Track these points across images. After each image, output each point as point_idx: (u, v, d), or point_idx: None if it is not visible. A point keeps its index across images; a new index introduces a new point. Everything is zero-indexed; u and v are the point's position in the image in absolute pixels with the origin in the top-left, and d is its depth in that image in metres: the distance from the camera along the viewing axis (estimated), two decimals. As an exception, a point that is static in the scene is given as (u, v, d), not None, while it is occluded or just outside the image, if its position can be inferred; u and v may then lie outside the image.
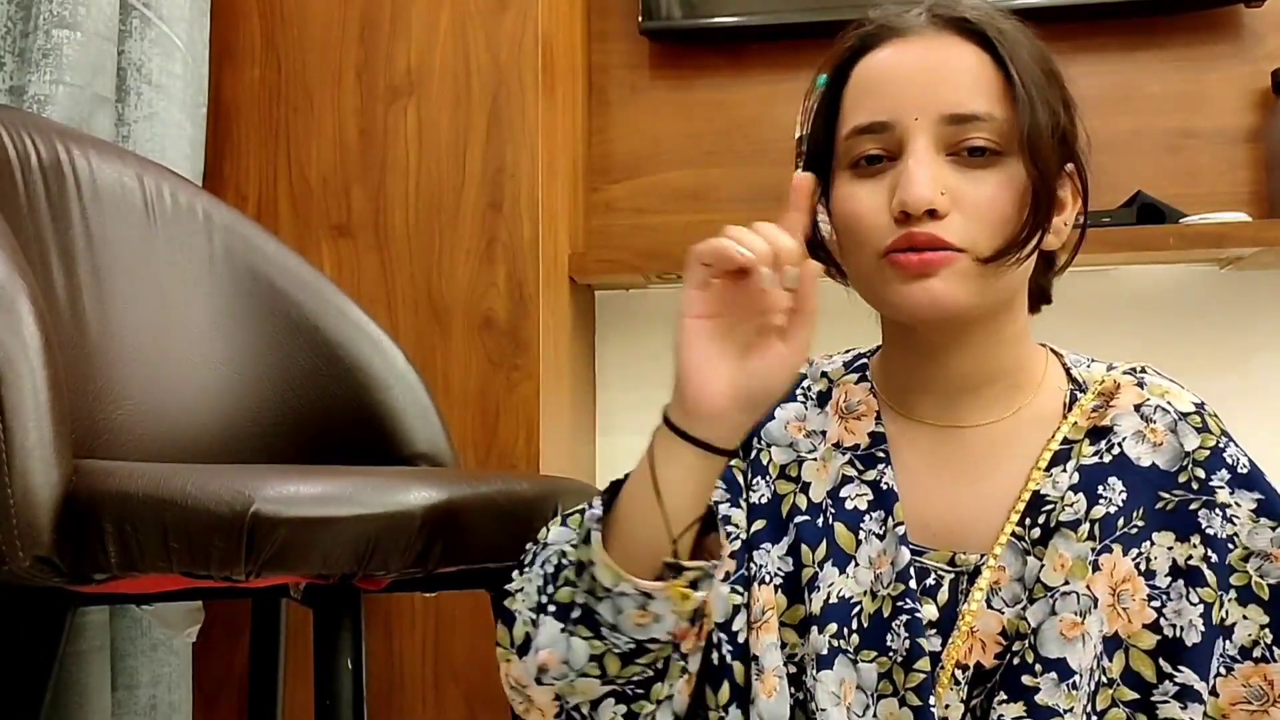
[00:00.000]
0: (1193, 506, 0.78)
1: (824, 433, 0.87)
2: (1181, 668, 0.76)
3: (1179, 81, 1.78)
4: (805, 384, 0.91)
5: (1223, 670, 0.77)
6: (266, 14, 1.59)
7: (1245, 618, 0.76)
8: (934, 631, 0.79)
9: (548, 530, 0.84)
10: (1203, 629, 0.76)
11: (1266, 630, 0.76)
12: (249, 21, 1.59)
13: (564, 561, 0.78)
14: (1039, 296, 0.87)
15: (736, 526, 0.86)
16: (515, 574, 0.81)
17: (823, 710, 0.78)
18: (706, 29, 1.82)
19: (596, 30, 1.91)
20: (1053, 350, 0.88)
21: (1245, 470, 0.79)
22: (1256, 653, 0.76)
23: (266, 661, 1.29)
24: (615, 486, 0.78)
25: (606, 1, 1.91)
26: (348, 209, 1.55)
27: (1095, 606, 0.76)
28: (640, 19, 1.82)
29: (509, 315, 1.50)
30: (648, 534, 0.74)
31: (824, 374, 0.91)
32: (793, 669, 0.81)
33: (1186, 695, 0.75)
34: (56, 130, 1.15)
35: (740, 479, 0.88)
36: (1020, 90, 0.75)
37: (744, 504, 0.87)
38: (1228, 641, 0.77)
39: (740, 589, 0.84)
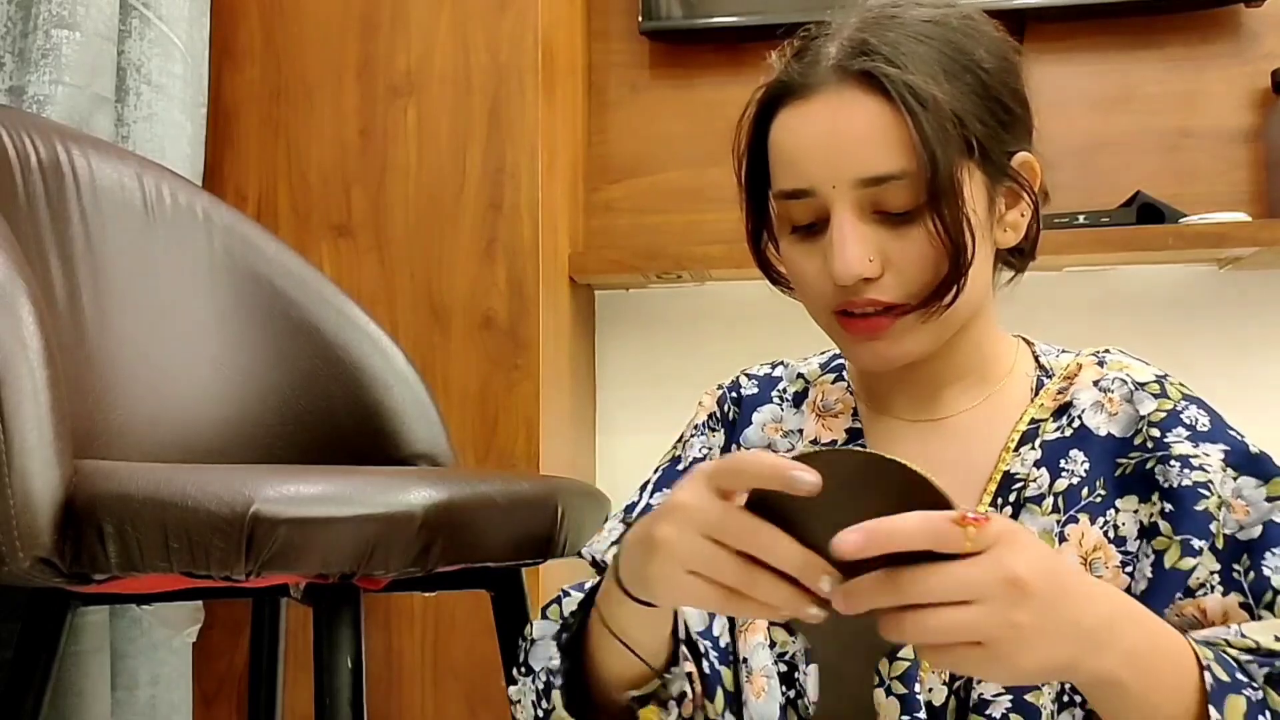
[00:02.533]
0: (1149, 465, 0.78)
1: (800, 431, 0.89)
2: None
3: (1178, 81, 1.78)
4: (781, 386, 0.92)
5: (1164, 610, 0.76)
6: (266, 14, 1.59)
7: (1201, 565, 0.76)
8: None
9: (531, 625, 0.86)
10: (1150, 575, 0.75)
11: (1215, 575, 0.76)
12: (249, 21, 1.59)
13: (551, 681, 0.80)
14: (1022, 256, 0.86)
15: None
16: (515, 671, 0.85)
17: (814, 704, 0.78)
18: (706, 29, 1.83)
19: (596, 30, 1.91)
20: (1024, 340, 0.89)
21: (1206, 427, 0.78)
22: (1199, 591, 0.76)
23: (266, 661, 1.29)
24: (568, 623, 0.82)
25: (606, 1, 1.91)
26: (348, 209, 1.55)
27: None
28: (640, 19, 1.82)
29: (509, 315, 1.50)
30: (621, 666, 0.77)
31: (800, 375, 0.93)
32: (784, 667, 0.81)
33: None
34: (56, 130, 1.15)
35: None
36: (921, 150, 0.73)
37: None
38: (1171, 578, 0.76)
39: None
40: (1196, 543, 0.76)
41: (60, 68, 1.25)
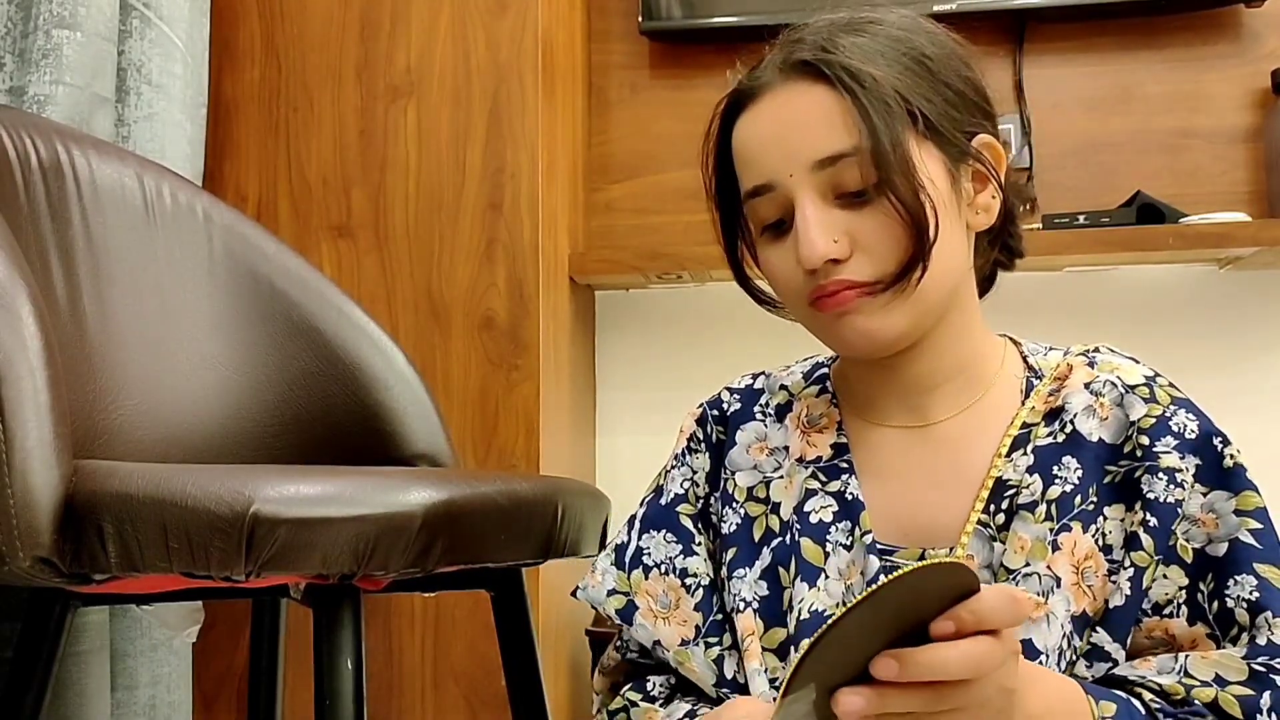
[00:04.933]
0: (1136, 474, 0.78)
1: (786, 448, 0.88)
2: (1098, 628, 0.76)
3: (1179, 81, 1.78)
4: (764, 399, 0.91)
5: (1133, 623, 0.77)
6: (266, 14, 1.59)
7: (1165, 577, 0.76)
8: None
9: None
10: (1128, 592, 0.76)
11: (1182, 592, 0.76)
12: (249, 21, 1.59)
13: None
14: (1008, 254, 0.88)
15: (694, 575, 0.88)
16: None
17: None
18: (706, 29, 1.83)
19: (596, 30, 1.91)
20: (1011, 339, 0.88)
21: (1193, 435, 0.78)
22: (1167, 610, 0.77)
23: (266, 661, 1.29)
24: None
25: (606, 1, 1.91)
26: (348, 209, 1.55)
27: (1058, 586, 0.76)
28: (640, 19, 1.82)
29: (509, 315, 1.50)
30: None
31: (783, 387, 0.92)
32: (776, 693, 0.80)
33: (1095, 655, 0.76)
34: (56, 130, 1.15)
35: (691, 524, 0.89)
36: (861, 124, 0.75)
37: (700, 549, 0.88)
38: (1145, 598, 0.77)
39: (714, 639, 0.85)
40: (1164, 562, 0.76)
41: (60, 68, 1.25)
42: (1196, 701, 0.72)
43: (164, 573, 0.76)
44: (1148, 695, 0.73)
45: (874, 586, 0.57)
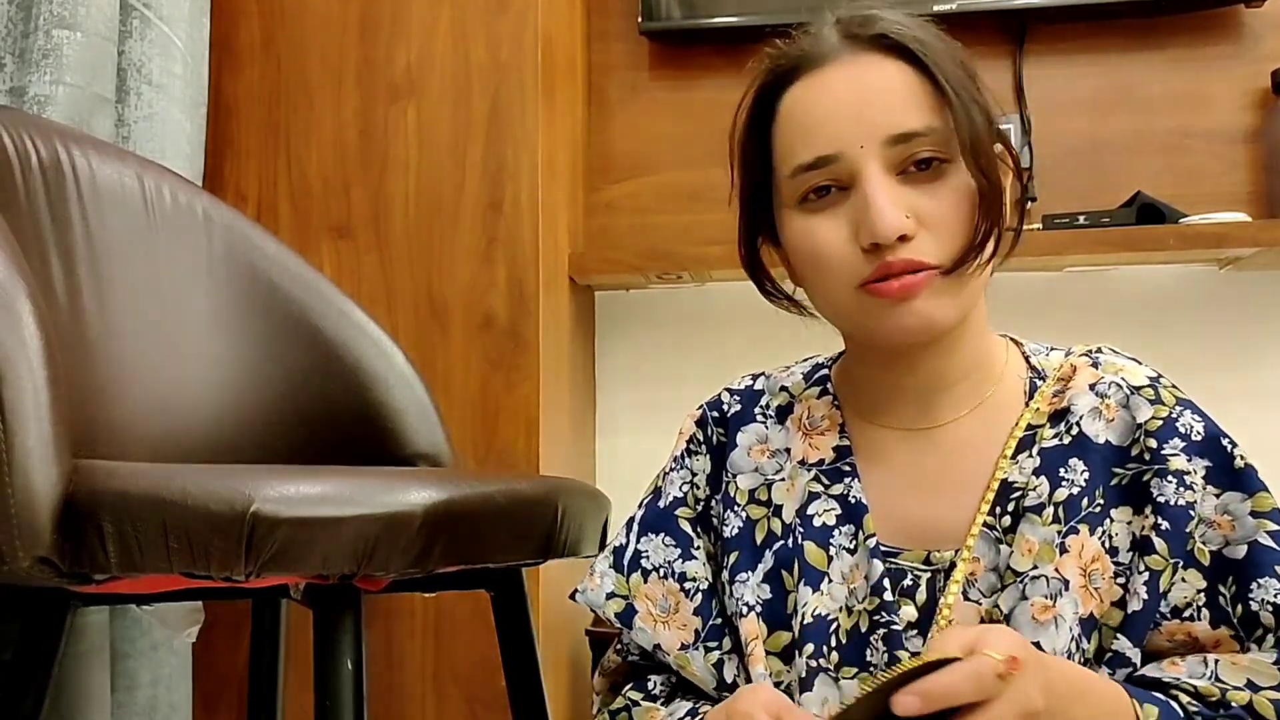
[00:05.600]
0: (1145, 478, 0.78)
1: (788, 450, 0.87)
2: (1119, 635, 0.76)
3: (1179, 81, 1.78)
4: (764, 401, 0.91)
5: (1150, 627, 0.77)
6: (266, 14, 1.59)
7: (1184, 580, 0.76)
8: (914, 632, 0.79)
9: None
10: (1145, 597, 0.76)
11: (1201, 594, 0.76)
12: (249, 21, 1.59)
13: None
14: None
15: (694, 580, 0.87)
16: None
17: None
18: (706, 29, 1.83)
19: (596, 30, 1.91)
20: (1013, 340, 0.88)
21: (1199, 437, 0.78)
22: (1187, 613, 0.77)
23: (266, 661, 1.29)
24: None
25: (606, 1, 1.91)
26: (348, 209, 1.55)
27: (1066, 589, 0.76)
28: (640, 19, 1.82)
29: (509, 315, 1.50)
30: None
31: (784, 388, 0.91)
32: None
33: (1116, 662, 0.76)
34: (56, 130, 1.15)
35: (689, 528, 0.89)
36: (955, 100, 0.74)
37: (698, 552, 0.88)
38: (1163, 601, 0.77)
39: (714, 643, 0.85)
40: (1183, 566, 0.76)
41: (61, 68, 1.25)
42: (1233, 704, 0.72)
43: (164, 573, 0.76)
44: (1184, 698, 0.73)
45: (879, 678, 0.60)
